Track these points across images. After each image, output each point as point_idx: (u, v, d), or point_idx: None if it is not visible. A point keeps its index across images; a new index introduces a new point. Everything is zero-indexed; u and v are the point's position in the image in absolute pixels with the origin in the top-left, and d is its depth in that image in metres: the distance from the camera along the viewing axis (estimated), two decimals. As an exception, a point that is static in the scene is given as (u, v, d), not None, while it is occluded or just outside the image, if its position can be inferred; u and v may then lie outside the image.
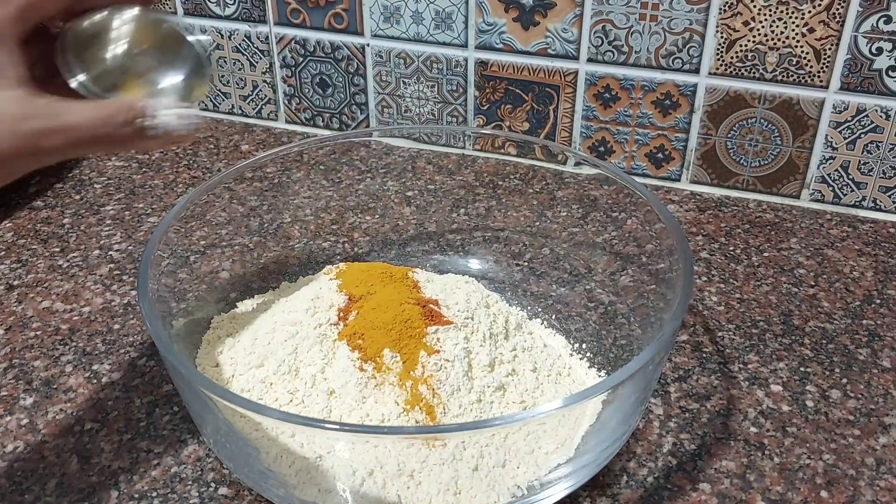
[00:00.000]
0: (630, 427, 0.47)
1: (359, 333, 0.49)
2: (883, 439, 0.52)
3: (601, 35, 0.71)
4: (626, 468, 0.50)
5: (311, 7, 0.78)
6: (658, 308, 0.53)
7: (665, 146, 0.75)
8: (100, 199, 0.75)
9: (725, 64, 0.69)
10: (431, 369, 0.47)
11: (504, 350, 0.51)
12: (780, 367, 0.57)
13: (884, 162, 0.70)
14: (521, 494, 0.44)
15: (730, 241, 0.69)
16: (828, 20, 0.66)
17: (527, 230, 0.65)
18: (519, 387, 0.50)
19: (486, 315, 0.52)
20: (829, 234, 0.70)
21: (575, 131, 0.76)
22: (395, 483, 0.44)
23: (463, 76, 0.77)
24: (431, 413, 0.46)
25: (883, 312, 0.62)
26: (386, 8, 0.76)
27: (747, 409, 0.54)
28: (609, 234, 0.62)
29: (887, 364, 0.57)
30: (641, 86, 0.72)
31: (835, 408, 0.54)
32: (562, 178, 0.64)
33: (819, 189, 0.73)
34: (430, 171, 0.72)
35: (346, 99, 0.82)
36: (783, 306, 0.62)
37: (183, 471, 0.49)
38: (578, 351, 0.56)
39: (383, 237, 0.66)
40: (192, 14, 0.83)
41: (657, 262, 0.56)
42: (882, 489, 0.48)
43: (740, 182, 0.74)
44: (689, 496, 0.48)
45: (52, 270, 0.66)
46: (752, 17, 0.67)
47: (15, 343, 0.59)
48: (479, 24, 0.74)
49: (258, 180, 0.63)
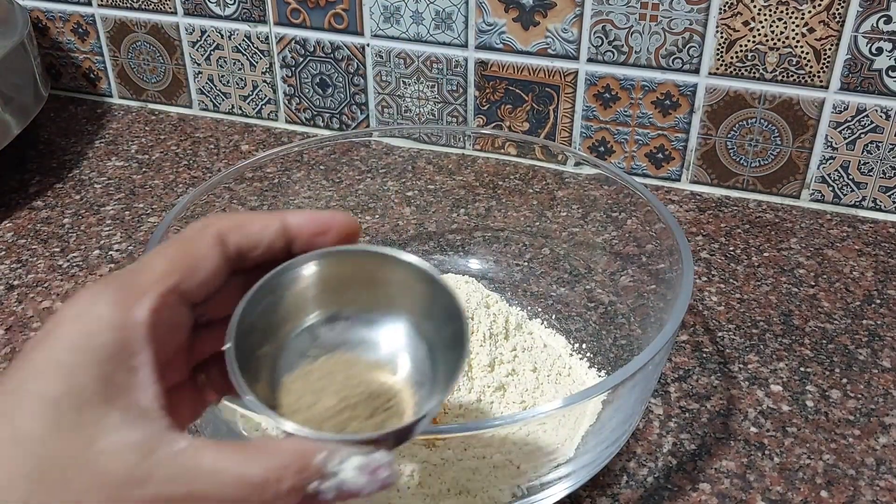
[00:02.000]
0: (630, 427, 0.47)
1: (359, 333, 0.49)
2: (883, 439, 0.52)
3: (601, 35, 0.71)
4: (627, 468, 0.50)
5: (311, 7, 0.78)
6: (658, 308, 0.53)
7: (665, 146, 0.75)
8: (100, 199, 0.75)
9: (725, 64, 0.69)
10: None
11: (504, 350, 0.51)
12: (780, 367, 0.57)
13: (884, 162, 0.70)
14: (521, 494, 0.44)
15: (730, 241, 0.69)
16: (828, 20, 0.66)
17: (527, 230, 0.65)
18: (519, 387, 0.50)
19: (486, 315, 0.52)
20: (830, 234, 0.70)
21: (575, 131, 0.76)
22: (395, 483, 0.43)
23: (463, 76, 0.77)
24: (431, 413, 0.46)
25: (883, 312, 0.62)
26: (386, 8, 0.76)
27: (747, 409, 0.54)
28: (609, 234, 0.62)
29: (887, 364, 0.57)
30: (641, 86, 0.72)
31: (835, 408, 0.54)
32: (562, 179, 0.64)
33: (819, 189, 0.73)
34: (430, 171, 0.72)
35: (346, 99, 0.82)
36: (783, 306, 0.62)
37: (183, 471, 0.49)
38: (578, 351, 0.56)
39: (383, 237, 0.66)
40: (191, 14, 0.83)
41: (657, 262, 0.56)
42: (882, 489, 0.48)
43: (740, 182, 0.74)
44: (690, 496, 0.48)
45: (52, 270, 0.66)
46: (752, 17, 0.67)
47: (15, 343, 0.59)
48: (480, 24, 0.74)
49: (258, 180, 0.63)
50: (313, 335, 0.33)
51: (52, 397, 0.26)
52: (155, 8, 0.83)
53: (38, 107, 0.77)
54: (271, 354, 0.31)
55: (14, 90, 0.74)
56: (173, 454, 0.26)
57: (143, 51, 0.87)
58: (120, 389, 0.27)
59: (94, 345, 0.27)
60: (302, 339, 0.32)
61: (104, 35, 0.87)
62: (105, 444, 0.26)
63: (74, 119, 0.88)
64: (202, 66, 0.85)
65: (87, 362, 0.27)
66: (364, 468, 0.27)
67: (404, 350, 0.33)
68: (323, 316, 0.33)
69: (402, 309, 0.33)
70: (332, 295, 0.33)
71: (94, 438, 0.26)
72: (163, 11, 0.83)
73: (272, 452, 0.27)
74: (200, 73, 0.86)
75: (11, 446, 0.26)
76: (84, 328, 0.27)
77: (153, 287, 0.29)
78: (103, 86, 0.90)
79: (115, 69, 0.89)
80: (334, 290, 0.33)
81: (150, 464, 0.26)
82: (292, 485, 0.26)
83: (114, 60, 0.88)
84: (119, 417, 0.26)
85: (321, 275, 0.32)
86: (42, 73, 0.79)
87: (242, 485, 0.26)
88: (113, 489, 0.25)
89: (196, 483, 0.26)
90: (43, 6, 0.87)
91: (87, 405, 0.26)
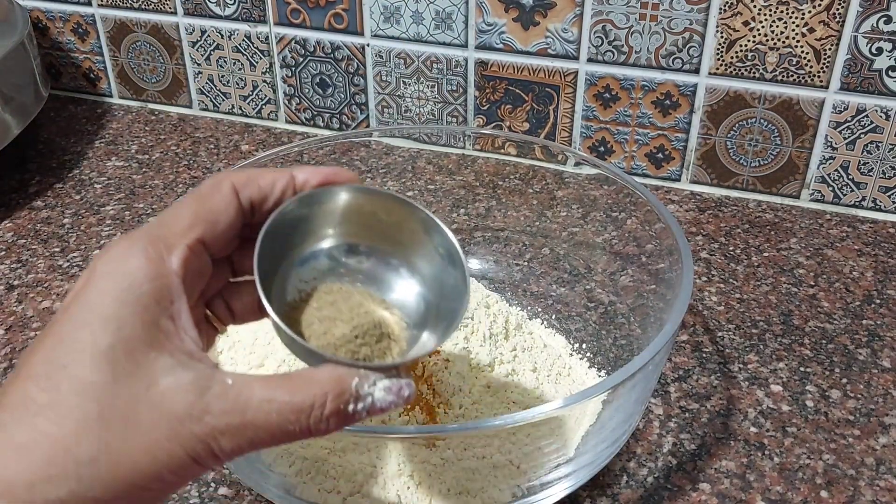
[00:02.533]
0: (630, 427, 0.47)
1: (359, 333, 0.49)
2: (883, 439, 0.52)
3: (601, 35, 0.71)
4: (626, 468, 0.50)
5: (311, 7, 0.78)
6: (658, 308, 0.53)
7: (665, 146, 0.75)
8: (100, 199, 0.75)
9: (725, 64, 0.69)
10: (432, 369, 0.47)
11: (504, 350, 0.51)
12: (780, 367, 0.57)
13: (883, 162, 0.70)
14: (520, 494, 0.44)
15: (730, 241, 0.69)
16: (828, 20, 0.66)
17: (527, 230, 0.65)
18: (519, 387, 0.50)
19: (486, 315, 0.52)
20: (829, 234, 0.70)
21: (575, 131, 0.76)
22: (395, 483, 0.44)
23: (463, 76, 0.77)
24: (431, 413, 0.46)
25: (883, 312, 0.62)
26: (386, 8, 0.76)
27: (747, 409, 0.54)
28: (609, 234, 0.62)
29: (887, 364, 0.57)
30: (641, 86, 0.72)
31: (835, 408, 0.54)
32: (562, 178, 0.64)
33: (819, 189, 0.73)
34: (430, 171, 0.72)
35: (346, 99, 0.82)
36: (783, 306, 0.62)
37: (183, 471, 0.49)
38: (578, 351, 0.56)
39: (383, 237, 0.66)
40: (192, 14, 0.83)
41: (657, 262, 0.56)
42: (882, 489, 0.48)
43: (740, 182, 0.74)
44: (689, 496, 0.48)
45: (52, 270, 0.66)
46: (752, 16, 0.67)
47: (15, 343, 0.59)
48: (479, 24, 0.74)
49: (258, 180, 0.63)
50: (314, 266, 0.35)
51: (104, 347, 0.28)
52: (155, 8, 0.83)
53: (38, 107, 0.77)
54: (279, 283, 0.34)
55: (14, 90, 0.74)
56: (225, 389, 0.29)
57: (143, 51, 0.87)
58: (165, 335, 0.29)
59: (135, 296, 0.29)
60: (304, 270, 0.35)
61: (104, 35, 0.87)
62: (163, 387, 0.28)
63: (74, 119, 0.88)
64: (202, 66, 0.85)
65: (132, 312, 0.29)
66: (390, 389, 0.31)
67: (399, 287, 0.36)
68: (326, 246, 0.35)
69: (404, 253, 0.36)
70: (338, 229, 0.35)
71: (151, 382, 0.28)
72: (163, 11, 0.83)
73: (314, 381, 0.30)
74: (200, 73, 0.86)
75: (74, 395, 0.28)
76: (123, 281, 0.29)
77: (181, 239, 0.31)
78: (103, 86, 0.90)
79: (115, 69, 0.89)
80: (339, 225, 0.35)
81: (207, 400, 0.28)
82: (334, 408, 0.30)
83: (114, 60, 0.88)
84: (169, 361, 0.29)
85: (328, 209, 0.34)
86: (42, 72, 0.79)
87: (291, 411, 0.29)
88: (177, 423, 0.28)
89: (249, 413, 0.29)
90: (43, 6, 0.87)
91: (137, 352, 0.29)
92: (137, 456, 0.28)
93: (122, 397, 0.28)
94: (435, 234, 0.35)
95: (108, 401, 0.28)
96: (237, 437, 0.29)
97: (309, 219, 0.34)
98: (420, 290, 0.36)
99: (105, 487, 0.28)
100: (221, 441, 0.29)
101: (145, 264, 0.30)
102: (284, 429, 0.29)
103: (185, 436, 0.28)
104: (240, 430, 0.29)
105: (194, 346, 0.30)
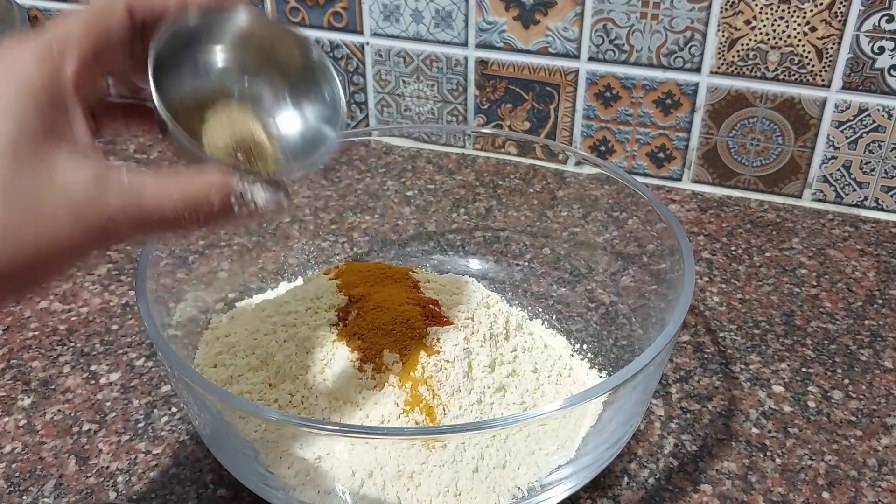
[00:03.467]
0: (631, 428, 0.47)
1: (358, 334, 0.49)
2: (885, 440, 0.51)
3: (602, 34, 0.71)
4: (628, 469, 0.49)
5: (310, 6, 0.78)
6: (659, 308, 0.53)
7: (666, 145, 0.74)
8: (98, 199, 0.75)
9: (727, 63, 0.69)
10: (431, 370, 0.47)
11: (504, 351, 0.51)
12: (782, 367, 0.57)
13: (886, 161, 0.70)
14: (521, 496, 0.44)
15: (731, 241, 0.69)
16: (829, 19, 0.65)
17: (527, 230, 0.65)
18: (519, 388, 0.49)
19: (487, 315, 0.52)
20: (831, 234, 0.70)
21: (576, 130, 0.76)
22: (395, 484, 0.43)
23: (463, 75, 0.77)
24: (431, 414, 0.46)
25: (885, 313, 0.61)
26: (385, 6, 0.76)
27: (749, 409, 0.53)
28: (610, 233, 0.62)
29: (889, 364, 0.57)
30: (642, 85, 0.72)
31: (837, 408, 0.54)
32: (562, 178, 0.64)
33: (821, 189, 0.73)
34: (429, 171, 0.72)
35: (346, 98, 0.82)
36: (785, 306, 0.62)
37: (181, 472, 0.49)
38: (579, 351, 0.56)
39: (383, 237, 0.66)
40: (191, 13, 0.82)
41: (658, 262, 0.55)
42: (884, 490, 0.48)
43: (742, 182, 0.74)
44: (691, 497, 0.48)
45: (50, 270, 0.66)
46: (753, 15, 0.67)
47: (13, 343, 0.59)
48: (480, 23, 0.74)
49: (257, 180, 0.62)
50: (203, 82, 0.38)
51: (8, 137, 0.30)
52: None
53: (36, 106, 0.77)
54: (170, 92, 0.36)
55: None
56: (123, 182, 0.31)
57: (142, 50, 0.86)
58: (64, 134, 0.31)
59: (34, 95, 0.31)
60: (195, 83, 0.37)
61: (103, 34, 0.87)
62: (65, 177, 0.31)
63: (73, 118, 0.87)
64: (201, 65, 0.85)
65: (32, 108, 0.31)
66: (267, 189, 0.35)
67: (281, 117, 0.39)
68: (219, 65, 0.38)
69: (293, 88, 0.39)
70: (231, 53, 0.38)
71: (53, 172, 0.30)
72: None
73: (202, 177, 0.33)
74: (200, 72, 0.85)
75: None
76: (21, 81, 0.31)
77: (74, 49, 0.32)
78: (102, 85, 0.90)
79: (114, 68, 0.89)
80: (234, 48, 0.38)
81: (106, 191, 0.31)
82: (220, 200, 0.33)
83: (113, 59, 0.88)
84: (69, 156, 0.31)
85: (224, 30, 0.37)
86: (40, 71, 0.79)
87: (183, 201, 0.32)
88: (77, 208, 0.30)
89: (148, 198, 0.32)
90: (41, 4, 0.87)
91: (38, 146, 0.30)
92: (40, 235, 0.30)
93: (25, 185, 0.30)
94: (325, 80, 0.38)
95: (12, 188, 0.29)
96: (134, 226, 0.32)
97: (204, 38, 0.37)
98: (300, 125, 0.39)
99: (6, 263, 0.29)
100: (120, 228, 0.31)
101: (39, 68, 0.31)
102: (177, 220, 0.32)
103: (85, 220, 0.31)
104: (136, 220, 0.32)
105: (93, 146, 0.32)
